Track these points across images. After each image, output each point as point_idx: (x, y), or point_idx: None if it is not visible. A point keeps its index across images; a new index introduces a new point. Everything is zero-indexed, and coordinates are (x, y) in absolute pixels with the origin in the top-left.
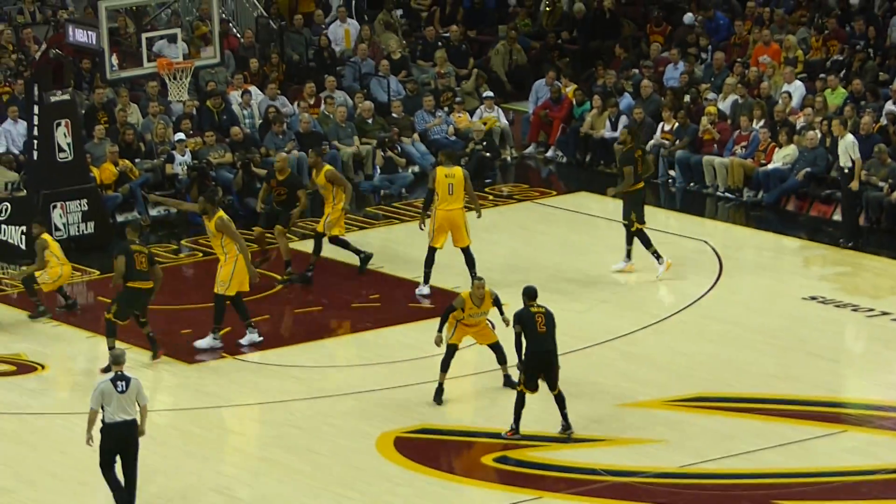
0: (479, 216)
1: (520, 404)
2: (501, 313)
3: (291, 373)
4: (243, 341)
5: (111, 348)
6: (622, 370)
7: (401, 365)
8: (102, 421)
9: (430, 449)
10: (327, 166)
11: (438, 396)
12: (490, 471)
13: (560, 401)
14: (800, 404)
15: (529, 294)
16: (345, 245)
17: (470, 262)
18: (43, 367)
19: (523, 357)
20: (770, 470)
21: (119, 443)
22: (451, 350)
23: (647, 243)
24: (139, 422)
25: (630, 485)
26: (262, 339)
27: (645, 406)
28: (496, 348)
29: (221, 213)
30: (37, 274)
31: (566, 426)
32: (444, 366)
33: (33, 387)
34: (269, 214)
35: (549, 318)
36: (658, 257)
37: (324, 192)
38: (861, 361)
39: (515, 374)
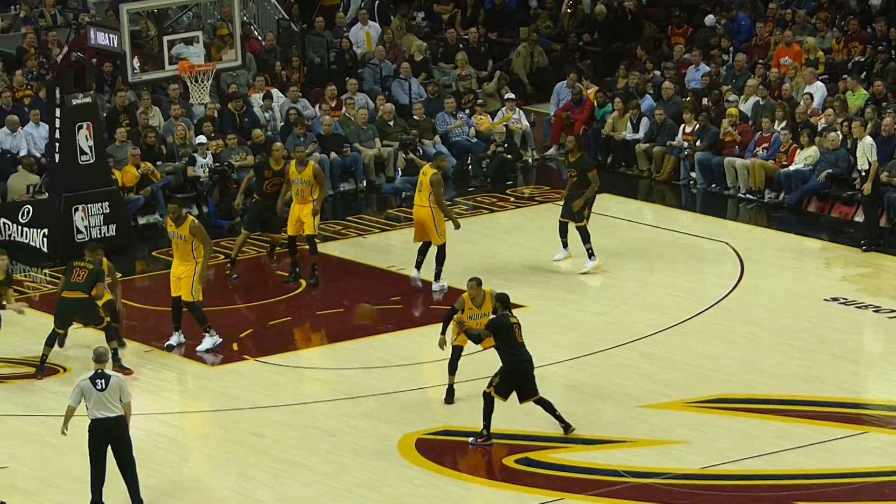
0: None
1: (489, 409)
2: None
3: (313, 375)
4: (202, 347)
5: (44, 356)
6: (644, 372)
7: (423, 367)
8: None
9: (451, 450)
10: (313, 163)
11: (450, 397)
12: (512, 472)
13: (547, 404)
14: (822, 405)
15: (503, 302)
16: (293, 251)
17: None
18: (65, 369)
19: (502, 367)
20: (792, 471)
21: (103, 439)
22: (457, 352)
23: (586, 239)
24: (126, 418)
25: (652, 486)
26: (220, 340)
27: (666, 407)
28: None
29: (192, 217)
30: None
31: (567, 425)
32: (452, 368)
33: (56, 389)
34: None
35: (520, 327)
36: (591, 255)
37: (303, 188)
38: (883, 362)
39: None
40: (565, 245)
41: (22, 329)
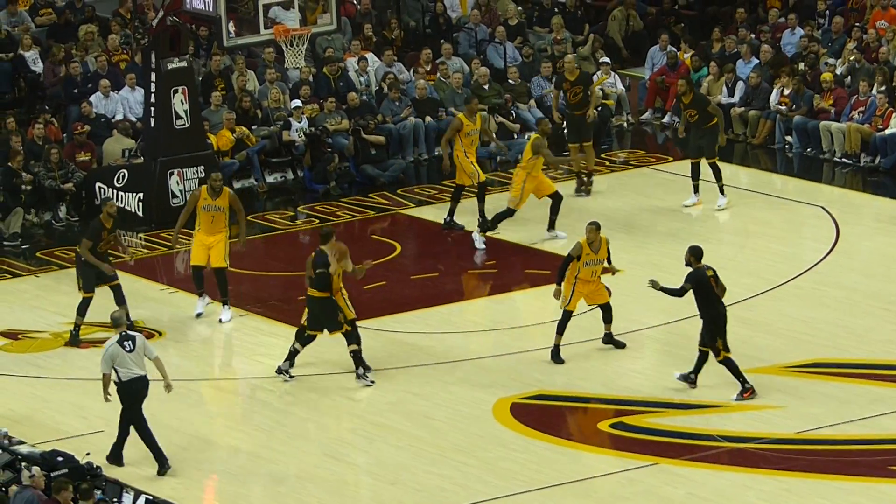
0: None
1: (735, 366)
2: (610, 262)
3: (408, 339)
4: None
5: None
6: (739, 336)
7: (517, 331)
8: (119, 381)
9: (546, 415)
10: (228, 189)
11: (557, 356)
12: (606, 437)
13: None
14: None
15: (697, 254)
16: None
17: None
18: (160, 333)
19: (706, 325)
20: (887, 436)
21: (138, 396)
22: (567, 315)
23: (718, 175)
24: (162, 374)
25: (746, 451)
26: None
27: (762, 372)
28: (606, 308)
29: (227, 188)
30: None
31: (693, 380)
32: (561, 328)
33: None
34: None
35: (717, 279)
36: (723, 191)
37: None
38: None
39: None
40: (697, 189)
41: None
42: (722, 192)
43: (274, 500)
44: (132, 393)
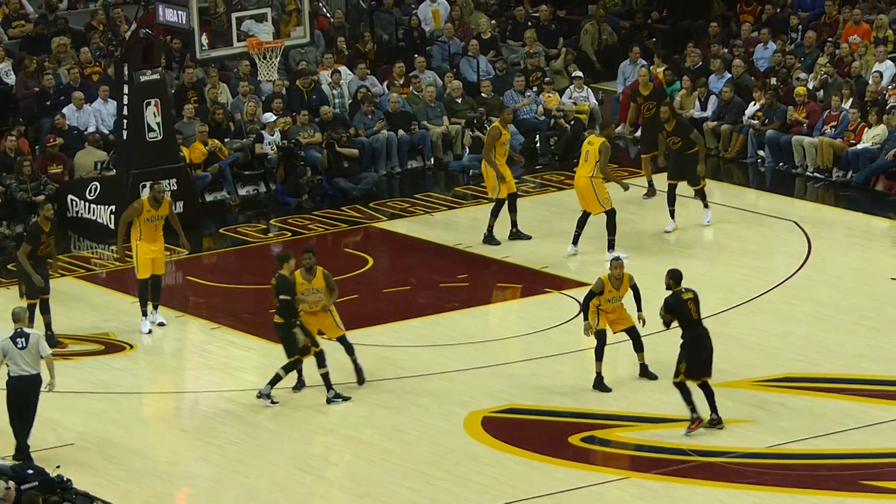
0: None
1: (687, 393)
2: (639, 306)
3: (380, 352)
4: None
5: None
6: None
7: (489, 345)
8: (8, 375)
9: (517, 429)
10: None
11: (601, 384)
12: (577, 451)
13: (709, 392)
14: (889, 385)
15: (676, 278)
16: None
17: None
18: (131, 346)
19: (682, 348)
20: (858, 450)
21: (24, 395)
22: (602, 336)
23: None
24: (50, 374)
25: (718, 465)
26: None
27: (733, 386)
28: (633, 334)
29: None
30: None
31: (717, 419)
32: (599, 354)
33: (122, 366)
34: None
35: (697, 301)
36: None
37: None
38: None
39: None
40: (672, 214)
41: (87, 305)
42: (707, 206)
43: None
44: (17, 390)
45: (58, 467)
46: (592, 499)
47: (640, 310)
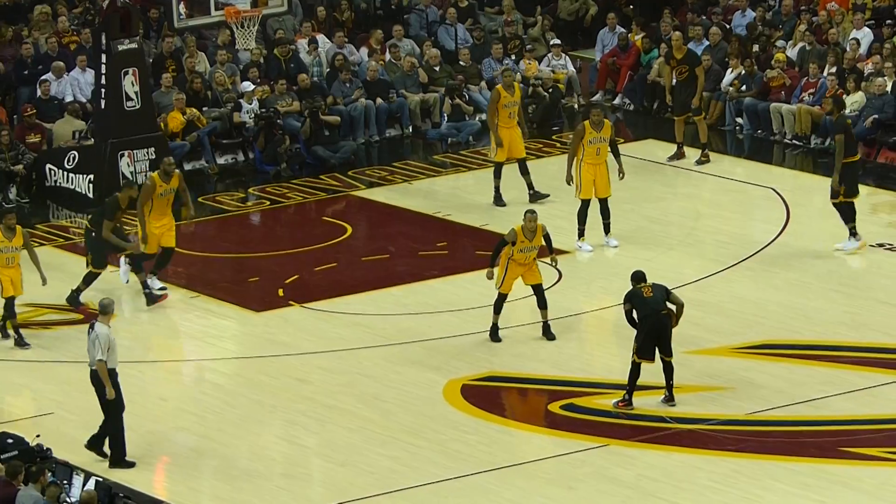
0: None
1: (635, 375)
2: (550, 250)
3: (359, 321)
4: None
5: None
6: (690, 317)
7: (468, 313)
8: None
9: (497, 396)
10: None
11: (495, 335)
12: (557, 418)
13: (669, 370)
14: (867, 351)
15: (635, 278)
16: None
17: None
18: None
19: (638, 329)
20: (837, 417)
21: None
22: (502, 298)
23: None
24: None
25: (697, 432)
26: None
27: (712, 353)
28: (538, 291)
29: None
30: None
31: (670, 397)
32: (497, 308)
33: None
34: None
35: (656, 287)
36: (854, 234)
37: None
38: None
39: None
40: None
41: (66, 274)
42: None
43: (225, 483)
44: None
45: (37, 436)
46: (573, 466)
47: (551, 252)
